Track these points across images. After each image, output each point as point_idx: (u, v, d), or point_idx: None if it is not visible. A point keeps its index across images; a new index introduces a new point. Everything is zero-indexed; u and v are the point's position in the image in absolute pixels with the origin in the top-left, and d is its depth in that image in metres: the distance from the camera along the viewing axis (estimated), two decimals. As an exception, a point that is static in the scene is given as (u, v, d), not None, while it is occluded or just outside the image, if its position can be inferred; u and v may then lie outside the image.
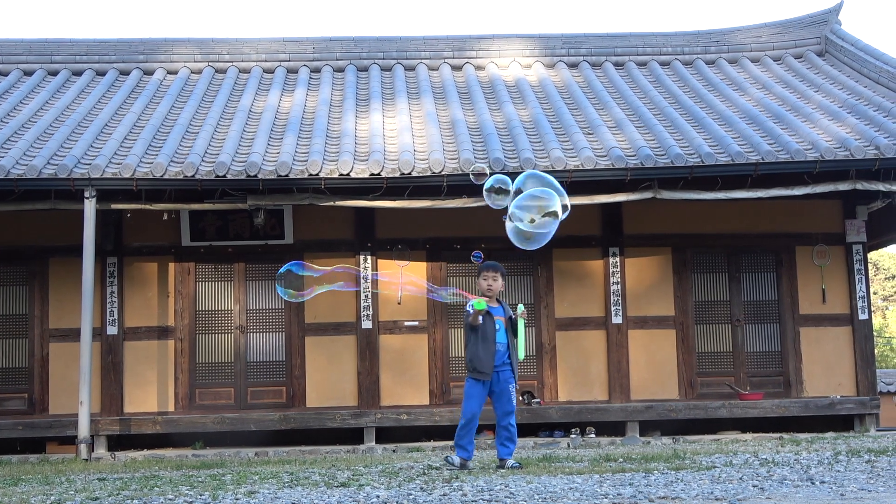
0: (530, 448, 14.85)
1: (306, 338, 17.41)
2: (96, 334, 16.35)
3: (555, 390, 17.50)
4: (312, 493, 7.97)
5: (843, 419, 17.27)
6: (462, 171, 15.39)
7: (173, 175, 15.38)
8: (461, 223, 17.12)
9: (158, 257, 17.43)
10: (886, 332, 43.08)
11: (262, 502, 7.49)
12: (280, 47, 20.99)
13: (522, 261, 17.65)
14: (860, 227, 18.01)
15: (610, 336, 17.53)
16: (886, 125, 16.68)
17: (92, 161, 15.61)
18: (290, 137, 16.61)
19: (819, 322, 18.00)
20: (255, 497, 7.82)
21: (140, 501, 7.70)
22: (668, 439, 16.00)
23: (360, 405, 17.03)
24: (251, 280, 17.57)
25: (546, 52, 21.08)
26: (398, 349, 17.43)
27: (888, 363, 37.80)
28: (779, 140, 16.29)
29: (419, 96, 18.98)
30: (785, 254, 18.11)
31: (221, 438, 16.60)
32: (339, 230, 17.53)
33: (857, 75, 19.38)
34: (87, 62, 20.47)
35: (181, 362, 17.26)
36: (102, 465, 13.56)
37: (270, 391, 17.37)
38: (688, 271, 17.96)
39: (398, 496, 7.58)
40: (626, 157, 15.78)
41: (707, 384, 17.73)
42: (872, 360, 18.05)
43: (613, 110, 18.01)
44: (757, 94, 18.86)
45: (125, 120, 17.50)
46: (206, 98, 19.01)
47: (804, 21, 21.38)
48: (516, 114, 17.80)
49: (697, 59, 20.96)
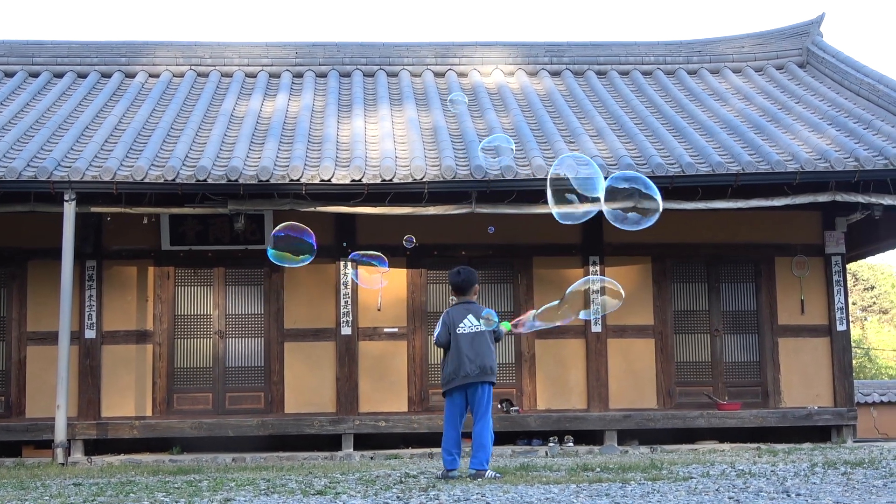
0: (508, 456, 14.85)
1: (285, 343, 17.37)
2: (74, 338, 16.27)
3: (533, 399, 17.50)
4: (288, 501, 7.95)
5: (820, 430, 17.32)
6: (443, 178, 15.41)
7: (154, 179, 15.34)
8: (442, 230, 17.12)
9: (138, 261, 17.37)
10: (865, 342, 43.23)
11: (237, 510, 7.46)
12: (263, 52, 20.96)
13: (502, 268, 17.67)
14: (839, 238, 18.07)
15: (589, 345, 17.55)
16: (866, 137, 16.74)
17: (72, 164, 15.55)
18: (272, 142, 16.58)
19: (798, 333, 18.05)
20: (231, 504, 7.80)
21: (115, 508, 7.66)
22: (646, 448, 16.02)
23: (339, 412, 17.00)
24: (231, 285, 17.53)
25: (529, 60, 21.09)
26: (377, 356, 17.41)
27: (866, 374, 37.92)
28: (759, 151, 16.34)
29: (401, 102, 18.98)
30: (764, 264, 18.16)
31: (199, 444, 16.54)
32: (320, 236, 17.18)
33: (838, 87, 19.46)
34: (68, 64, 20.40)
35: (159, 367, 17.20)
36: (79, 469, 13.49)
37: (249, 397, 17.32)
38: (667, 281, 17.99)
39: (374, 505, 7.56)
40: (607, 167, 15.78)
41: (685, 394, 17.76)
42: (850, 372, 18.10)
43: (595, 119, 18.03)
44: (738, 105, 18.91)
45: (106, 123, 17.45)
46: (187, 102, 18.96)
47: (786, 32, 21.45)
48: (498, 121, 17.81)
49: (679, 68, 21.00)
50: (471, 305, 9.98)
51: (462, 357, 9.77)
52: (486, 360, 9.78)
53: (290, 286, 17.39)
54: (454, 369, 9.82)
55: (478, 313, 9.87)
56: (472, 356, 9.76)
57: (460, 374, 9.77)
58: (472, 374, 9.74)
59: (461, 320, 9.87)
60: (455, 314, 9.95)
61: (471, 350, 9.77)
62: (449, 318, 9.95)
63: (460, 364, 9.78)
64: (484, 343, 9.81)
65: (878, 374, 39.29)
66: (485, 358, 9.78)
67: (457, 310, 10.00)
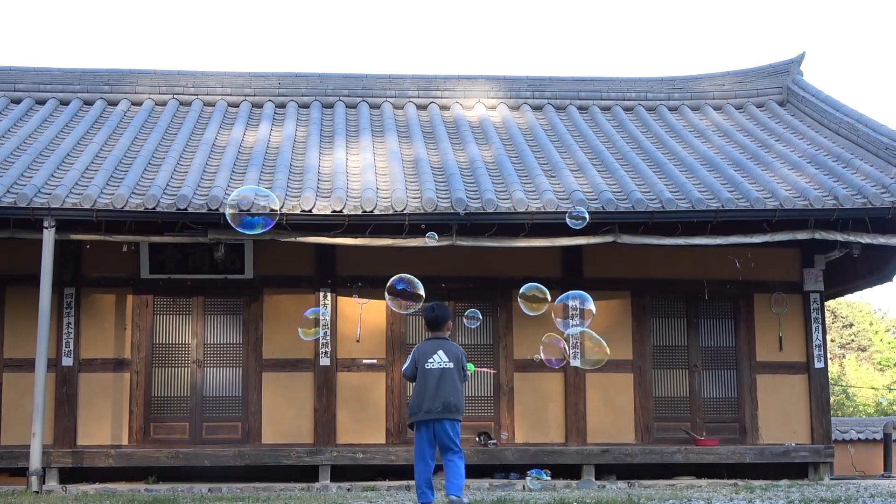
0: (486, 490, 14.80)
1: (263, 373, 17.32)
2: (51, 365, 16.18)
3: (512, 432, 17.47)
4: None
5: (797, 467, 17.35)
6: (424, 210, 15.44)
7: (134, 207, 15.30)
8: (422, 262, 17.10)
9: (117, 289, 17.31)
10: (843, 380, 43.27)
11: (212, 540, 7.42)
12: (246, 82, 20.97)
13: (482, 301, 17.66)
14: (818, 275, 18.14)
15: (568, 379, 17.54)
16: (845, 176, 16.84)
17: (52, 191, 15.51)
18: (253, 172, 16.58)
19: (776, 369, 18.09)
20: (206, 535, 7.75)
21: (89, 537, 7.61)
22: (624, 483, 16.00)
23: (316, 443, 16.94)
24: (210, 314, 17.48)
25: (511, 94, 21.17)
26: (356, 387, 17.37)
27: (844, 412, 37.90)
28: (739, 188, 16.41)
29: (383, 134, 19.01)
30: (743, 301, 18.22)
31: (175, 473, 16.46)
32: (300, 266, 17.47)
33: (818, 126, 19.57)
34: (50, 91, 20.36)
35: (136, 395, 17.11)
36: (53, 497, 13.41)
37: (226, 426, 17.24)
38: (646, 316, 18.02)
39: (350, 537, 7.53)
40: (587, 201, 15.85)
41: (663, 429, 17.76)
42: (828, 409, 18.14)
43: (576, 153, 18.10)
44: (718, 142, 19.00)
45: (87, 150, 17.41)
46: (169, 130, 18.94)
47: (766, 71, 21.60)
48: (480, 154, 17.85)
49: (661, 105, 21.11)
50: (442, 342, 10.01)
51: (426, 393, 9.80)
52: (450, 397, 9.77)
53: (270, 316, 17.35)
54: (418, 403, 9.85)
55: (448, 350, 9.93)
56: (437, 393, 9.77)
57: (423, 409, 9.79)
58: (435, 410, 9.73)
59: (430, 356, 9.90)
60: (425, 349, 10.00)
61: (437, 386, 9.78)
62: (418, 352, 10.01)
63: (423, 399, 9.80)
64: (450, 380, 9.81)
65: (855, 411, 39.30)
66: (449, 395, 9.77)
67: (427, 345, 10.04)
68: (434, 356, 9.87)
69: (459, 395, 9.86)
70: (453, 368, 9.83)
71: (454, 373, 9.84)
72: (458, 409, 9.83)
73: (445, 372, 9.81)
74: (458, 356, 9.94)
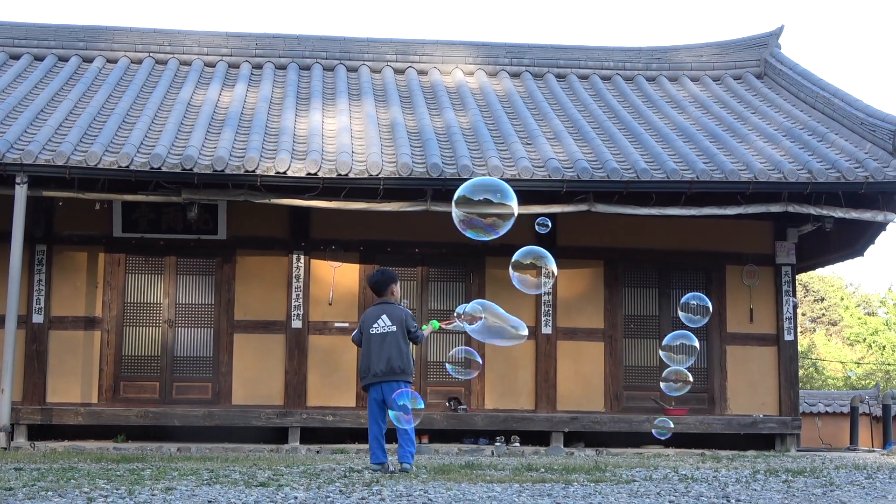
0: (454, 454, 14.87)
1: (235, 335, 17.29)
2: (21, 322, 16.11)
3: (482, 398, 17.53)
4: (230, 492, 7.93)
5: (764, 438, 17.48)
6: (399, 174, 15.42)
7: (107, 165, 15.24)
8: (396, 226, 17.13)
9: (89, 247, 17.23)
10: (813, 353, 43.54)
11: (178, 499, 7.43)
12: (222, 42, 20.84)
13: (455, 267, 17.69)
14: (790, 249, 18.23)
15: (539, 346, 17.59)
16: (820, 150, 16.90)
17: (25, 147, 15.40)
18: (228, 132, 16.51)
19: (746, 341, 18.19)
20: (172, 493, 7.77)
21: (55, 493, 7.61)
22: (592, 451, 16.09)
23: (287, 405, 16.95)
24: (182, 274, 17.42)
25: (489, 61, 21.12)
26: (327, 350, 17.37)
27: (812, 385, 38.20)
28: (714, 160, 16.45)
29: (360, 98, 18.94)
30: (715, 272, 18.28)
31: (144, 432, 16.46)
32: (274, 228, 17.43)
33: (794, 99, 19.61)
34: (25, 46, 20.16)
35: (107, 354, 17.07)
36: (21, 454, 13.38)
37: (196, 387, 17.22)
38: (619, 285, 18.07)
39: (316, 498, 7.56)
40: (562, 169, 15.87)
41: (633, 398, 17.85)
42: (796, 381, 18.26)
43: (553, 121, 18.09)
44: (695, 113, 19.03)
45: (61, 107, 17.29)
46: (144, 89, 18.81)
47: (745, 43, 21.60)
48: (456, 120, 17.82)
49: (638, 75, 21.10)
50: (387, 306, 10.32)
51: (371, 356, 10.15)
52: (394, 360, 10.08)
53: (242, 277, 17.32)
54: (366, 367, 10.23)
55: (392, 314, 10.19)
56: (381, 356, 10.09)
57: (370, 373, 10.15)
58: (380, 373, 10.09)
59: (375, 321, 10.22)
60: (369, 314, 10.34)
61: (380, 350, 10.11)
62: (364, 318, 10.34)
63: (370, 363, 10.16)
64: (393, 343, 10.11)
65: (824, 384, 39.63)
66: (393, 358, 10.08)
67: (372, 310, 10.38)
68: (378, 321, 10.19)
69: (404, 356, 10.15)
70: (397, 331, 10.13)
71: (398, 335, 10.14)
72: (404, 370, 10.13)
73: (388, 335, 10.12)
74: (402, 318, 10.21)
